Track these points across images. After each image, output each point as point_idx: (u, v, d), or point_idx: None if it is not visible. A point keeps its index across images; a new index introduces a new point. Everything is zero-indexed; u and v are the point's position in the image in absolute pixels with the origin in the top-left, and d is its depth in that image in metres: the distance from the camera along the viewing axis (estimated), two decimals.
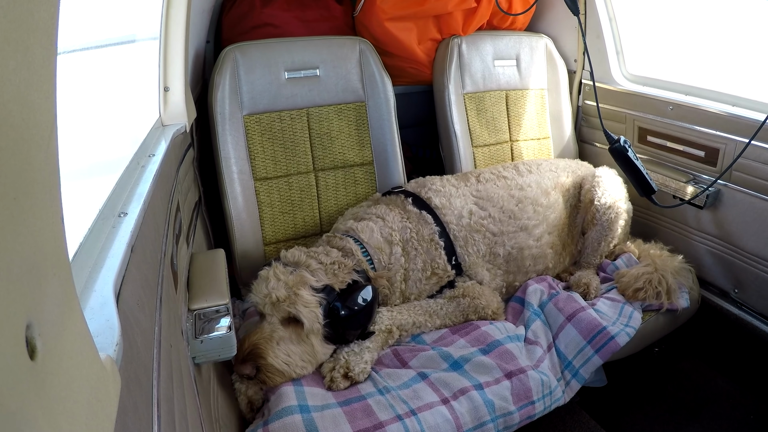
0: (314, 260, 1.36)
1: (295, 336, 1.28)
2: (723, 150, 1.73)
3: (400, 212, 1.60)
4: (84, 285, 0.59)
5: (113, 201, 0.84)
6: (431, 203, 1.63)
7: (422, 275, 1.55)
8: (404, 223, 1.57)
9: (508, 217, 1.70)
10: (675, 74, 1.98)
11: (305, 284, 1.29)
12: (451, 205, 1.64)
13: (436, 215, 1.61)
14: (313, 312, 1.28)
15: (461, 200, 1.67)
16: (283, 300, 1.26)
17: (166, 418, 0.64)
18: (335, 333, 1.31)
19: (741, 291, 1.78)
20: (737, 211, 1.73)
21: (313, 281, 1.30)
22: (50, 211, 0.36)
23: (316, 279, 1.31)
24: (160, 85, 1.37)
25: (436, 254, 1.56)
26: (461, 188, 1.72)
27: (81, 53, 0.94)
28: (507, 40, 2.16)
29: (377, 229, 1.53)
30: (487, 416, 1.21)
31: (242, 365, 1.22)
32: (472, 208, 1.67)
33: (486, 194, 1.72)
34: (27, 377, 0.31)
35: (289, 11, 1.90)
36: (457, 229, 1.61)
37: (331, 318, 1.29)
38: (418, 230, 1.57)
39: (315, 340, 1.30)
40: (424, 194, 1.66)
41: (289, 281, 1.28)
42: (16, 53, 0.30)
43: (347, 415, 1.16)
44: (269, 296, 1.27)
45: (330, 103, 1.81)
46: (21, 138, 0.31)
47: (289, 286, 1.28)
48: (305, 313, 1.27)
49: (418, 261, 1.55)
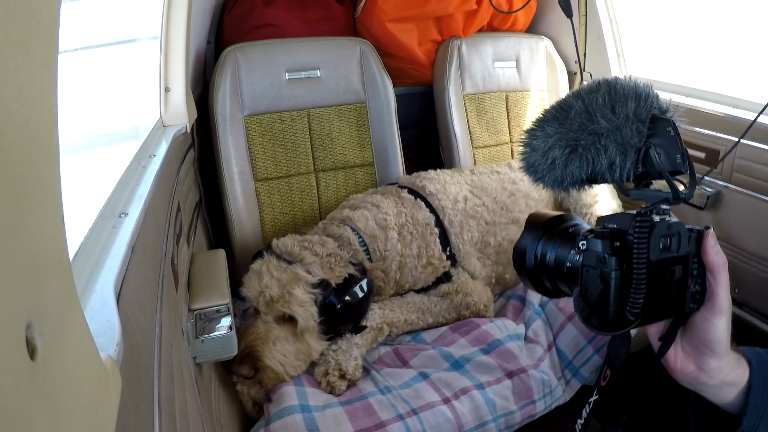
0: (309, 252, 1.33)
1: (290, 335, 1.27)
2: (723, 152, 1.73)
3: (395, 199, 1.59)
4: (84, 285, 0.59)
5: (114, 201, 0.84)
6: (425, 191, 1.63)
7: (417, 262, 1.53)
8: (399, 208, 1.56)
9: (500, 209, 1.70)
10: (675, 76, 1.98)
11: (299, 281, 1.26)
12: (446, 191, 1.64)
13: (429, 203, 1.60)
14: (308, 311, 1.26)
15: (456, 187, 1.68)
16: (276, 300, 1.24)
17: (167, 418, 0.64)
18: (329, 327, 1.30)
19: (742, 291, 1.78)
20: (738, 212, 1.73)
21: (309, 278, 1.28)
22: (51, 211, 0.36)
23: (312, 274, 1.28)
24: (160, 85, 1.37)
25: (431, 239, 1.55)
26: (456, 177, 1.73)
27: (81, 53, 0.94)
28: (507, 42, 2.16)
29: (371, 217, 1.51)
30: (489, 416, 1.21)
31: (240, 366, 1.21)
32: (467, 195, 1.67)
33: (480, 185, 1.73)
34: (27, 377, 0.31)
35: (291, 12, 1.90)
36: (452, 213, 1.61)
37: (326, 313, 1.28)
38: (413, 215, 1.56)
39: (310, 338, 1.29)
40: (419, 183, 1.66)
41: (283, 279, 1.26)
42: (17, 53, 0.30)
43: (348, 415, 1.16)
44: (263, 295, 1.26)
45: (331, 104, 1.81)
46: (22, 138, 0.31)
47: (282, 284, 1.25)
48: (300, 313, 1.25)
49: (414, 246, 1.53)
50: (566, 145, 0.57)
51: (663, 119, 0.56)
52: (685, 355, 0.62)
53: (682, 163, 0.56)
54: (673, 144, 0.56)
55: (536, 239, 0.63)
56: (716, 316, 0.58)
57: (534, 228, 0.64)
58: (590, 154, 0.56)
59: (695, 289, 0.59)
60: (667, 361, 0.63)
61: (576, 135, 0.57)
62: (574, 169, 0.57)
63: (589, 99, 0.57)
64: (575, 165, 0.57)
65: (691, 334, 0.61)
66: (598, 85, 0.59)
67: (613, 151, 0.55)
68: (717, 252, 0.58)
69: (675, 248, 0.56)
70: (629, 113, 0.55)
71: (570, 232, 0.62)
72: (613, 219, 0.57)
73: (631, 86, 0.58)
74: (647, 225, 0.53)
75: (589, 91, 0.59)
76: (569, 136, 0.57)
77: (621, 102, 0.56)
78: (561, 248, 0.61)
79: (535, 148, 0.60)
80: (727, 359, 0.61)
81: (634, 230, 0.53)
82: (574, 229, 0.62)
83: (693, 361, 0.62)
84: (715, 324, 0.59)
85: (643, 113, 0.56)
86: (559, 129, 0.58)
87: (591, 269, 0.55)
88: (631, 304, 0.53)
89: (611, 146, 0.55)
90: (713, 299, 0.58)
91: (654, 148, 0.55)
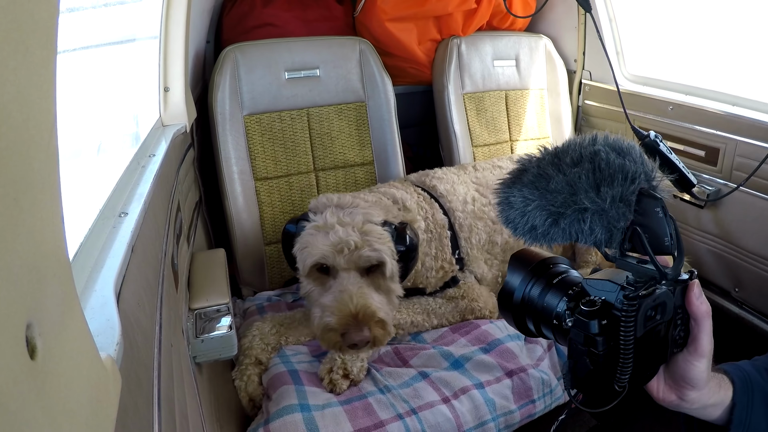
0: (361, 200, 1.26)
1: (376, 286, 1.20)
2: (723, 149, 1.73)
3: (417, 196, 1.56)
4: (84, 285, 0.59)
5: (113, 201, 0.84)
6: (436, 191, 1.61)
7: (433, 263, 1.51)
8: (422, 204, 1.54)
9: None
10: (675, 74, 1.98)
11: (371, 223, 1.18)
12: (456, 192, 1.63)
13: (442, 205, 1.59)
14: (391, 250, 1.18)
15: (464, 187, 1.66)
16: (360, 245, 1.15)
17: (167, 418, 0.64)
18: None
19: (741, 290, 1.78)
20: (738, 211, 1.73)
21: (376, 219, 1.21)
22: (50, 211, 0.36)
23: (376, 214, 1.22)
24: (160, 85, 1.37)
25: (445, 242, 1.53)
26: (462, 176, 1.72)
27: (81, 52, 0.94)
28: (506, 41, 2.16)
29: (408, 198, 1.47)
30: (488, 415, 1.21)
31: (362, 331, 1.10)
32: (474, 194, 1.66)
33: (485, 181, 1.72)
34: (27, 377, 0.31)
35: (290, 11, 1.90)
36: (462, 216, 1.59)
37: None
38: (432, 214, 1.54)
39: (392, 283, 1.22)
40: (429, 182, 1.64)
41: (356, 223, 1.17)
42: (16, 53, 0.30)
43: (348, 414, 1.16)
44: (345, 243, 1.14)
45: (330, 103, 1.82)
46: (21, 138, 0.31)
47: (358, 229, 1.16)
48: (387, 253, 1.17)
49: (432, 247, 1.50)
50: (548, 215, 0.55)
51: (651, 196, 0.54)
52: (666, 387, 0.64)
53: (670, 245, 0.54)
54: (661, 225, 0.54)
55: (525, 282, 0.62)
56: (699, 359, 0.60)
57: (521, 268, 0.63)
58: (573, 228, 0.55)
59: (679, 335, 0.59)
60: (649, 388, 0.64)
61: (558, 210, 0.55)
62: (555, 236, 0.56)
63: (571, 174, 0.55)
64: (557, 234, 0.56)
65: (672, 371, 0.62)
66: (579, 157, 0.56)
67: (598, 231, 0.54)
68: (702, 302, 0.58)
69: (660, 316, 0.56)
70: (615, 196, 0.53)
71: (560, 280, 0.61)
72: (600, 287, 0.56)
73: (617, 164, 0.54)
74: (634, 305, 0.52)
75: (571, 164, 0.55)
76: (551, 209, 0.55)
77: (606, 182, 0.53)
78: (550, 296, 0.60)
79: (512, 205, 0.58)
80: (708, 387, 0.62)
81: (622, 310, 0.52)
82: (564, 278, 0.61)
83: (674, 392, 0.63)
84: (697, 366, 0.60)
85: (629, 195, 0.53)
86: (540, 198, 0.56)
87: (578, 345, 0.55)
88: (618, 378, 0.54)
89: (597, 226, 0.54)
90: (696, 344, 0.59)
91: (641, 230, 0.53)
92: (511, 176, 0.60)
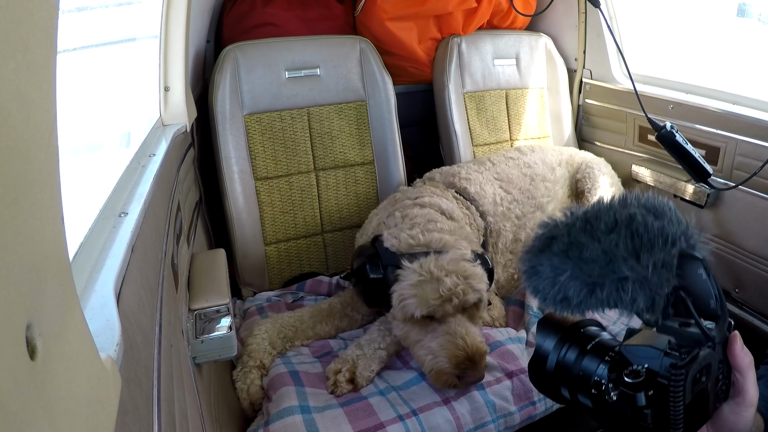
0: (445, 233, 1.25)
1: (471, 317, 1.21)
2: (724, 148, 1.72)
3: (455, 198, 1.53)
4: (84, 285, 0.59)
5: (113, 201, 0.83)
6: (468, 194, 1.57)
7: None
8: (463, 210, 1.50)
9: (526, 198, 1.67)
10: (675, 73, 1.98)
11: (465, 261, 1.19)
12: (485, 193, 1.60)
13: (476, 207, 1.55)
14: (486, 285, 1.20)
15: (490, 186, 1.63)
16: (467, 292, 1.16)
17: (167, 418, 0.64)
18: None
19: (742, 291, 1.77)
20: (738, 211, 1.73)
21: (468, 255, 1.21)
22: (50, 211, 0.36)
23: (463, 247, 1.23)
24: (160, 84, 1.37)
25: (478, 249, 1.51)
26: (484, 173, 1.68)
27: (81, 52, 0.94)
28: (506, 40, 2.16)
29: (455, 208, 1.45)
30: (488, 416, 1.21)
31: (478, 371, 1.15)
32: (500, 193, 1.63)
33: (506, 176, 1.69)
34: (27, 377, 0.31)
35: (290, 11, 1.90)
36: (493, 222, 1.57)
37: None
38: (474, 220, 1.51)
39: (483, 311, 1.25)
40: (459, 184, 1.60)
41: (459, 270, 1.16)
42: (16, 53, 0.30)
43: (348, 416, 1.16)
44: (455, 294, 1.14)
45: (330, 103, 1.81)
46: (21, 138, 0.31)
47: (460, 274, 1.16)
48: (485, 290, 1.18)
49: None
50: (583, 286, 0.52)
51: (692, 257, 0.52)
52: None
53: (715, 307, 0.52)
54: (705, 288, 0.52)
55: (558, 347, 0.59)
56: (746, 409, 0.58)
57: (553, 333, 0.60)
58: (612, 298, 0.52)
59: (721, 389, 0.57)
60: None
61: (595, 280, 0.52)
62: (590, 306, 0.53)
63: (607, 242, 0.52)
64: (593, 304, 0.53)
65: (719, 424, 0.60)
66: (614, 222, 0.53)
67: (640, 299, 0.51)
68: (745, 353, 0.57)
69: (706, 378, 0.53)
70: (657, 262, 0.50)
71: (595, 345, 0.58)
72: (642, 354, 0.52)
73: (656, 228, 0.51)
74: (682, 373, 0.49)
75: (606, 230, 0.52)
76: (586, 280, 0.52)
77: (646, 248, 0.51)
78: (587, 361, 0.57)
79: (540, 274, 0.55)
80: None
81: (669, 379, 0.49)
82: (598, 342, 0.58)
83: None
84: (745, 416, 0.58)
85: (671, 260, 0.51)
86: (573, 269, 0.53)
87: (626, 419, 0.51)
88: None
89: (638, 295, 0.51)
90: (744, 395, 0.58)
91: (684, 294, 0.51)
92: (537, 243, 0.57)
